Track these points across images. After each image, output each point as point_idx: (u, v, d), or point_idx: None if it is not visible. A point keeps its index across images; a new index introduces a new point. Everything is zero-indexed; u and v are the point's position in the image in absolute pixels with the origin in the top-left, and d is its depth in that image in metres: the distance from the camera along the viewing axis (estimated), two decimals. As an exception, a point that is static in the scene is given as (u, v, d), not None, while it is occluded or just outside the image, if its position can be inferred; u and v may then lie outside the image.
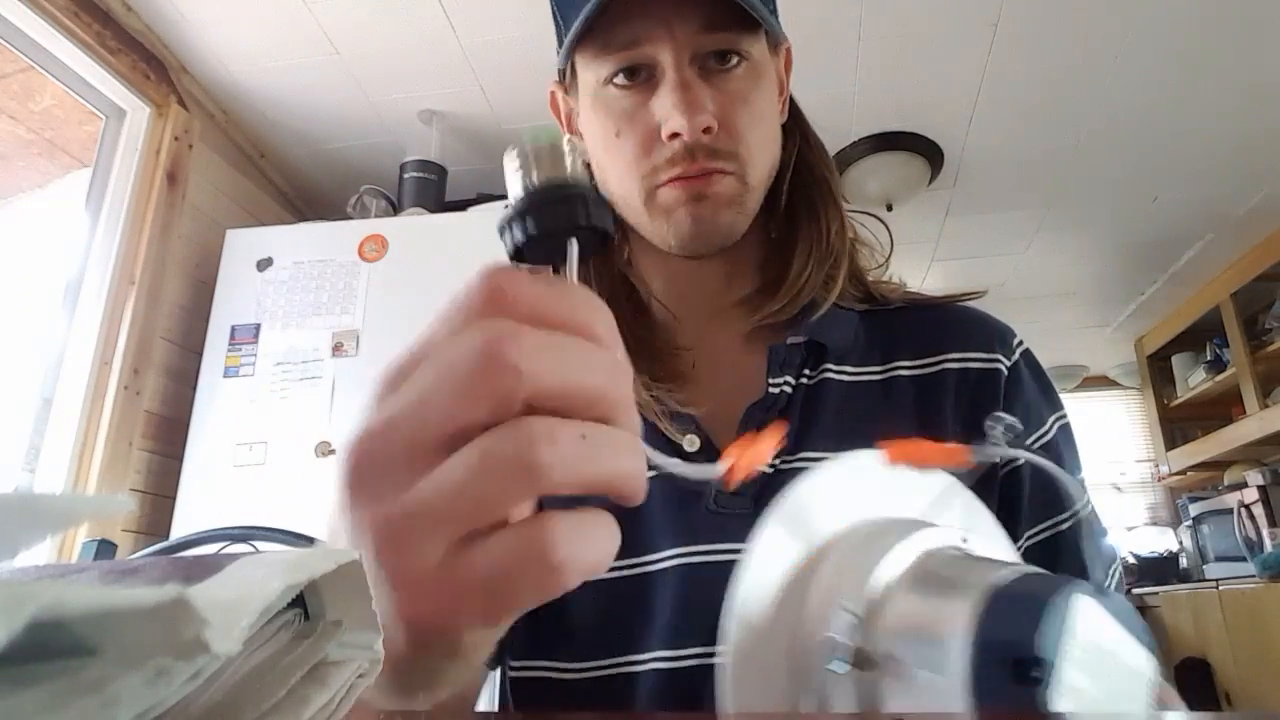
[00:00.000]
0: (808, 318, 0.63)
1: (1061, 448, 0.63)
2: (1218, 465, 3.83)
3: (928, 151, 2.47)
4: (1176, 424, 4.15)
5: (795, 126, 0.68)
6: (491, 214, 2.08)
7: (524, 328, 0.24)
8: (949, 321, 0.66)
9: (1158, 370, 4.21)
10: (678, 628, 0.55)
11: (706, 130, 0.56)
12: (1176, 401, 4.05)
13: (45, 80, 1.87)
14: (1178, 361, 4.01)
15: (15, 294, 1.95)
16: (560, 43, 0.62)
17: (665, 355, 0.64)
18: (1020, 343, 0.66)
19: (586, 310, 0.26)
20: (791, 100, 0.69)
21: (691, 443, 0.60)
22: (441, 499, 0.24)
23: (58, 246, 1.95)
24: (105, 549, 1.15)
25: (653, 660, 0.54)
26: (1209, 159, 2.55)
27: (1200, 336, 3.74)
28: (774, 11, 0.62)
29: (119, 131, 2.04)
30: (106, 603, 0.15)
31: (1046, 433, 0.63)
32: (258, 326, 2.00)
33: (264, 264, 2.06)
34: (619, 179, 0.61)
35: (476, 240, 2.00)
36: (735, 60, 0.58)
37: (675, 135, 0.56)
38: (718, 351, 0.66)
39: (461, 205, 2.22)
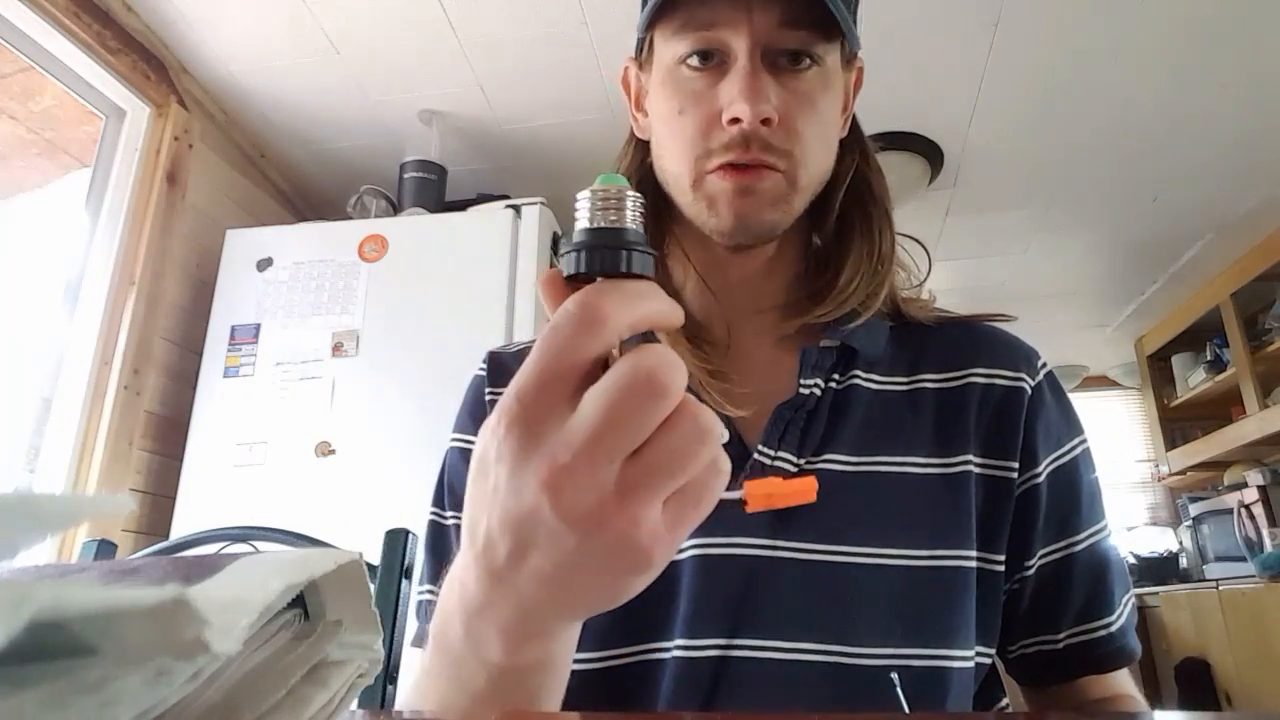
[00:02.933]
0: (843, 324, 0.64)
1: (1080, 472, 0.64)
2: (1218, 465, 3.83)
3: (928, 151, 2.47)
4: (1176, 424, 4.15)
5: (855, 143, 0.69)
6: (491, 214, 2.08)
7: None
8: (976, 338, 0.67)
9: (1158, 370, 4.20)
10: (696, 617, 0.55)
11: (766, 121, 0.57)
12: (1176, 401, 4.05)
13: (45, 80, 1.87)
14: (1178, 361, 4.00)
15: (15, 294, 1.95)
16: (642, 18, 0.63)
17: (698, 345, 0.65)
18: (1044, 364, 0.67)
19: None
20: (854, 119, 0.70)
21: (720, 436, 0.61)
22: (598, 423, 0.28)
23: (58, 246, 1.95)
24: (105, 549, 1.14)
25: (676, 649, 0.55)
26: (1209, 159, 2.55)
27: (1200, 336, 3.73)
28: (856, 23, 0.63)
29: (119, 131, 2.04)
30: (106, 603, 0.15)
31: (1064, 455, 0.63)
32: (258, 326, 2.00)
33: (264, 264, 2.06)
34: (674, 158, 0.62)
35: (476, 240, 2.00)
36: (807, 63, 0.59)
37: (735, 121, 0.57)
38: (751, 347, 0.67)
39: (461, 205, 2.22)
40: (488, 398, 0.69)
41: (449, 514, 0.68)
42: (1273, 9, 1.94)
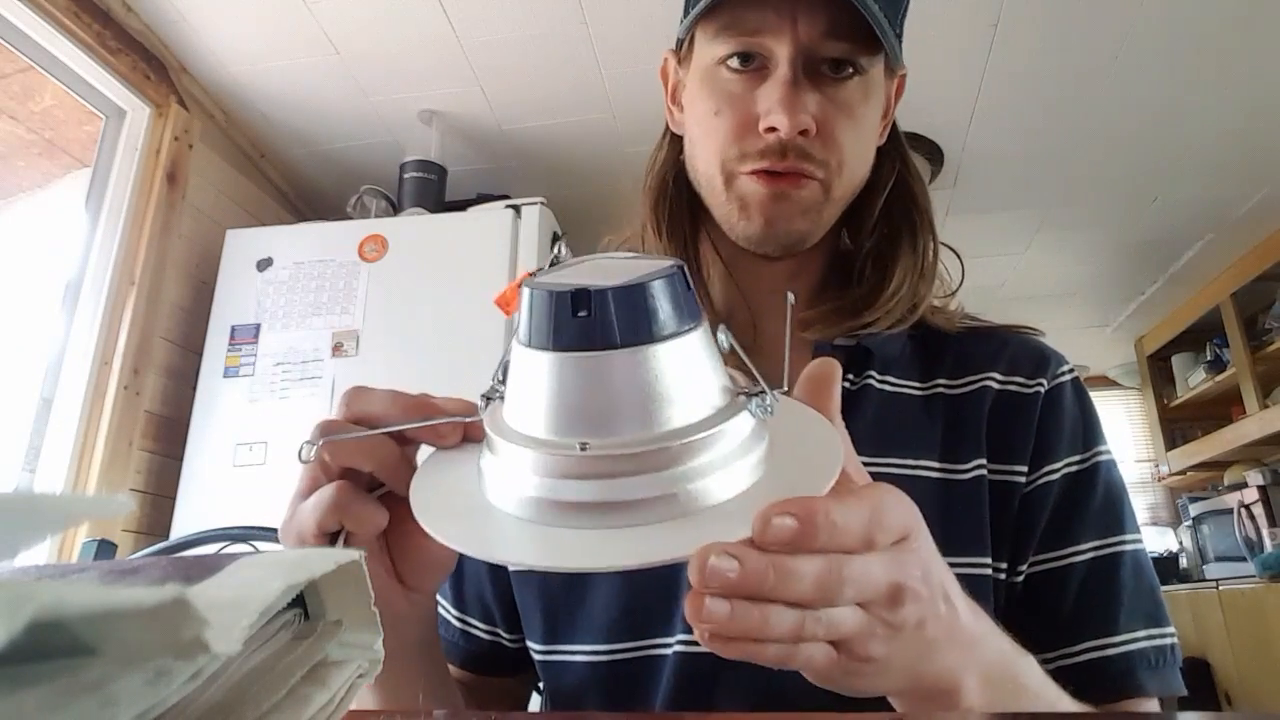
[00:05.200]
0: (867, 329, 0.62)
1: (1096, 482, 0.59)
2: (1218, 465, 3.83)
3: (928, 151, 2.47)
4: (1176, 424, 4.15)
5: (895, 151, 0.68)
6: (491, 214, 2.08)
7: None
8: (997, 345, 0.65)
9: (1158, 370, 4.20)
10: None
11: (804, 132, 0.56)
12: (1176, 401, 4.05)
13: (45, 80, 1.87)
14: (1178, 361, 4.00)
15: (15, 294, 1.95)
16: (686, 12, 0.62)
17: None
18: (1068, 371, 0.64)
19: None
20: (894, 127, 0.69)
21: None
22: None
23: (58, 246, 1.95)
24: (105, 549, 1.15)
25: (678, 644, 0.55)
26: (1209, 159, 2.55)
27: (1200, 336, 3.73)
28: (899, 36, 0.61)
29: (119, 131, 2.04)
30: (106, 603, 0.15)
31: (1078, 464, 0.60)
32: (258, 326, 2.00)
33: (264, 264, 2.06)
34: (707, 158, 0.62)
35: (476, 240, 2.00)
36: (849, 71, 0.58)
37: (772, 130, 0.56)
38: (769, 347, 0.66)
39: (461, 205, 2.22)
40: None
41: None
42: (1272, 10, 1.93)
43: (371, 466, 0.39)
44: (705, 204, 0.65)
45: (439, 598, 0.67)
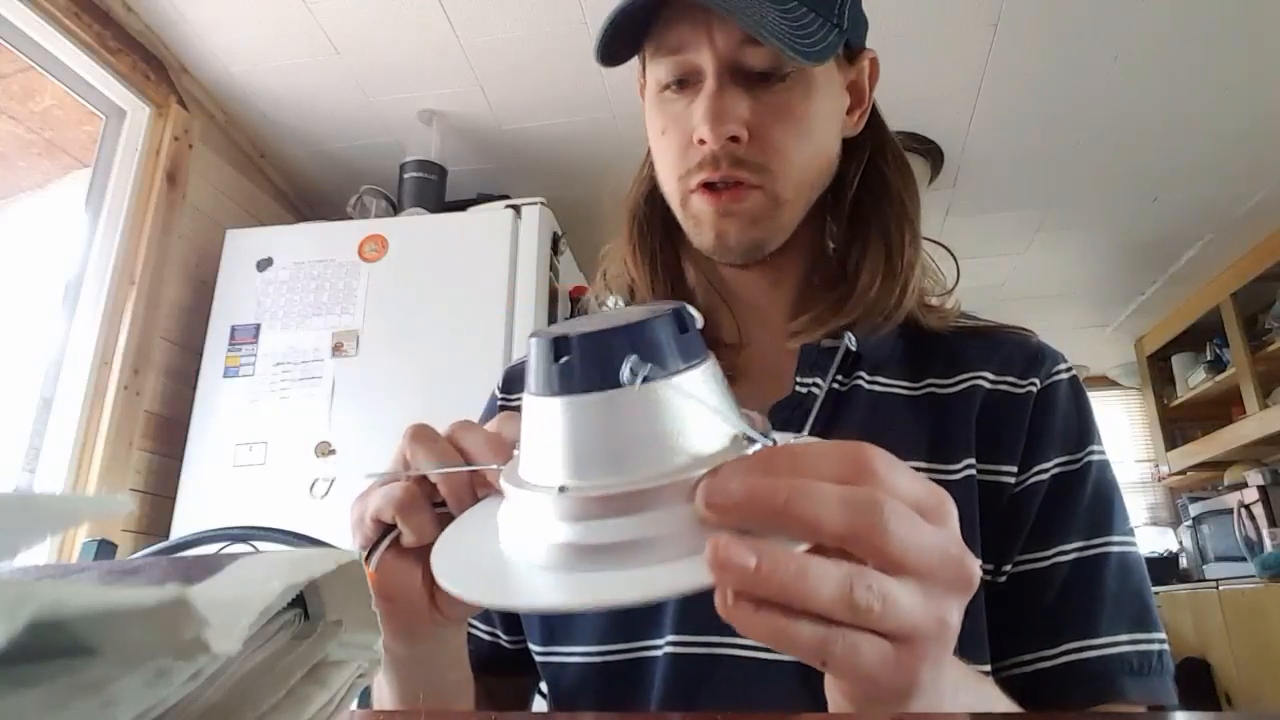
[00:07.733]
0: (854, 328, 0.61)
1: (1088, 483, 0.58)
2: (1218, 465, 3.83)
3: (928, 151, 2.47)
4: (1176, 424, 4.15)
5: (872, 138, 0.67)
6: (491, 214, 2.08)
7: None
8: (991, 344, 0.64)
9: (1158, 370, 4.20)
10: (687, 615, 0.55)
11: (734, 140, 0.57)
12: (1176, 401, 4.05)
13: (45, 80, 1.87)
14: (1178, 361, 4.00)
15: (15, 294, 1.95)
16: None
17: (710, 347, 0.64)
18: (1065, 369, 0.63)
19: None
20: (874, 112, 0.68)
21: None
22: None
23: (58, 246, 1.95)
24: (105, 549, 1.15)
25: (667, 645, 0.55)
26: (1209, 159, 2.55)
27: (1200, 336, 3.73)
28: (841, 22, 0.59)
29: (119, 131, 2.04)
30: (106, 603, 0.15)
31: (1070, 463, 0.59)
32: (258, 326, 2.00)
33: (264, 264, 2.06)
34: (663, 177, 0.64)
35: (476, 240, 2.00)
36: (783, 72, 0.58)
37: (703, 142, 0.57)
38: (763, 350, 0.66)
39: (461, 205, 2.22)
40: (499, 403, 0.72)
41: None
42: (1273, 9, 1.93)
43: (441, 487, 0.40)
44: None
45: None
